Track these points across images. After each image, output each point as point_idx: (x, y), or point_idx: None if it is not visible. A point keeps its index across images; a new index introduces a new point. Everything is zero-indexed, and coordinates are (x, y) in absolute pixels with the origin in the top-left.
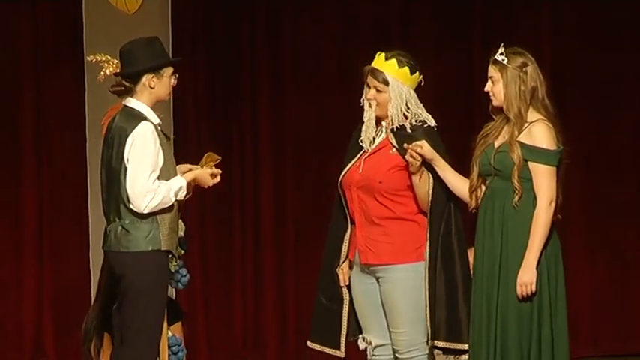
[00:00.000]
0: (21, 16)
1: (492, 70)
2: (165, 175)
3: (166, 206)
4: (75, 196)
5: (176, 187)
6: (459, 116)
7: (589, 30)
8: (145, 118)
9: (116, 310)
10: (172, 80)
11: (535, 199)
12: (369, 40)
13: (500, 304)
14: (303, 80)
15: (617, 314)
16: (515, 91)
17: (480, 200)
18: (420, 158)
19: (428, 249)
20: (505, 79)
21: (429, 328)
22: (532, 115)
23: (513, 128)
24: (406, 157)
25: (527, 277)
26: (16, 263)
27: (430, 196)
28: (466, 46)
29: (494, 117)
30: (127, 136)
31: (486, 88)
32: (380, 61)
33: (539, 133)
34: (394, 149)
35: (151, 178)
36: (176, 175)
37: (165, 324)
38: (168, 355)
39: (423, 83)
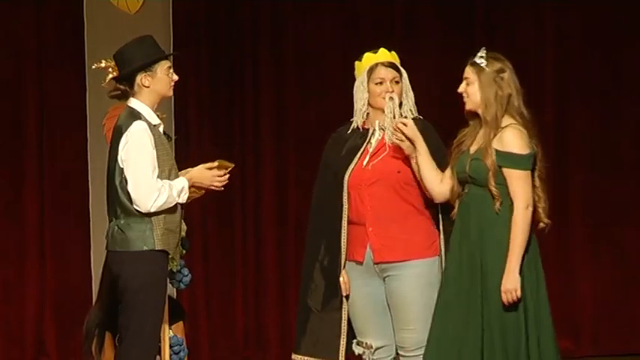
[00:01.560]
0: (23, 17)
1: (469, 72)
2: (163, 176)
3: (171, 205)
4: (77, 196)
5: (179, 187)
6: (460, 117)
7: (592, 30)
8: (141, 118)
9: (118, 310)
10: (170, 75)
11: (512, 204)
12: (371, 39)
13: (484, 312)
14: (306, 79)
15: (618, 314)
16: (493, 94)
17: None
18: (403, 137)
19: (442, 242)
20: (481, 82)
21: None
22: (506, 121)
23: (488, 134)
24: (391, 135)
25: (510, 285)
26: (19, 263)
27: None
28: (469, 48)
29: (468, 120)
30: (120, 135)
31: (460, 89)
32: (387, 55)
33: (509, 138)
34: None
35: (153, 176)
36: (177, 176)
37: (166, 324)
38: (170, 355)
39: None
